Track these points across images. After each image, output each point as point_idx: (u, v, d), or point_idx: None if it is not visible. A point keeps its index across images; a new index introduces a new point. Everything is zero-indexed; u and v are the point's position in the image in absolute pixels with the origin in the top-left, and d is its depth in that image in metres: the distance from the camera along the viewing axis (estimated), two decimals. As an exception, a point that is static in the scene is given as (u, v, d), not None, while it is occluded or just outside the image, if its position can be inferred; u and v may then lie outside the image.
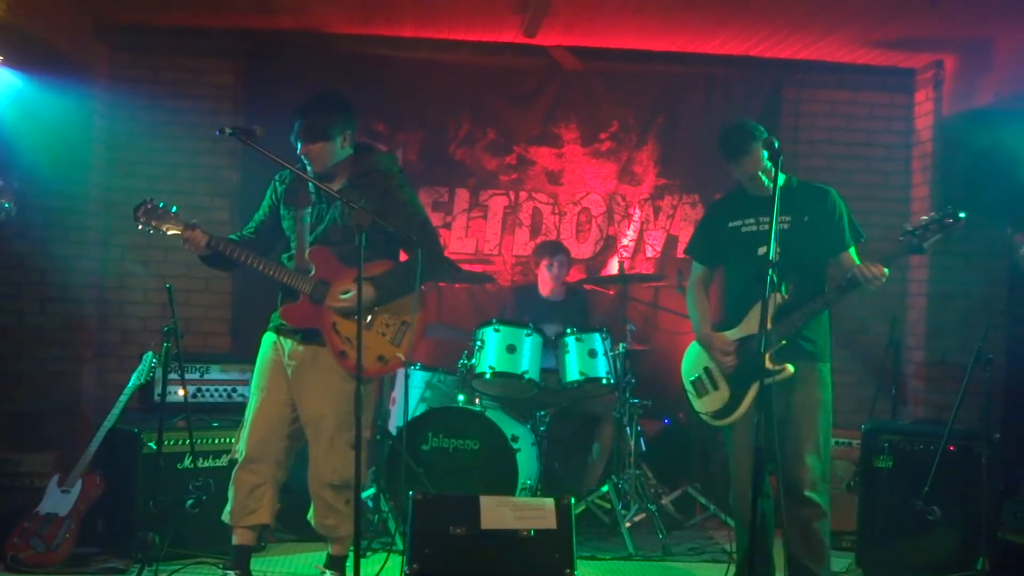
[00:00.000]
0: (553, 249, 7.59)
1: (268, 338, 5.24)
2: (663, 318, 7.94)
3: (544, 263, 7.52)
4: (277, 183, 5.32)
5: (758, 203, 5.16)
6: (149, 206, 5.09)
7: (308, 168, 5.09)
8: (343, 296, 4.98)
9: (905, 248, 4.90)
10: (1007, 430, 6.73)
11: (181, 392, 6.17)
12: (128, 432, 6.13)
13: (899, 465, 6.18)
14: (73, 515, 5.87)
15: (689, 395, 5.42)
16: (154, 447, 5.91)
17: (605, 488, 6.83)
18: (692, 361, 5.43)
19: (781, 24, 7.14)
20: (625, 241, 8.16)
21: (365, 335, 4.81)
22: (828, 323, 5.20)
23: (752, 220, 5.20)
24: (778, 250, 5.00)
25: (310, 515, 5.24)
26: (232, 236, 5.26)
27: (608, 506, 6.90)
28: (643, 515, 6.79)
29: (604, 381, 6.77)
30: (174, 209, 5.10)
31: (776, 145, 4.71)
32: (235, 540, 5.21)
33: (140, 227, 5.09)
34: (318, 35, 7.78)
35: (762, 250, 5.07)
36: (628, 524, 6.63)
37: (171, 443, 6.00)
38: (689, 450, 7.41)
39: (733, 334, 5.18)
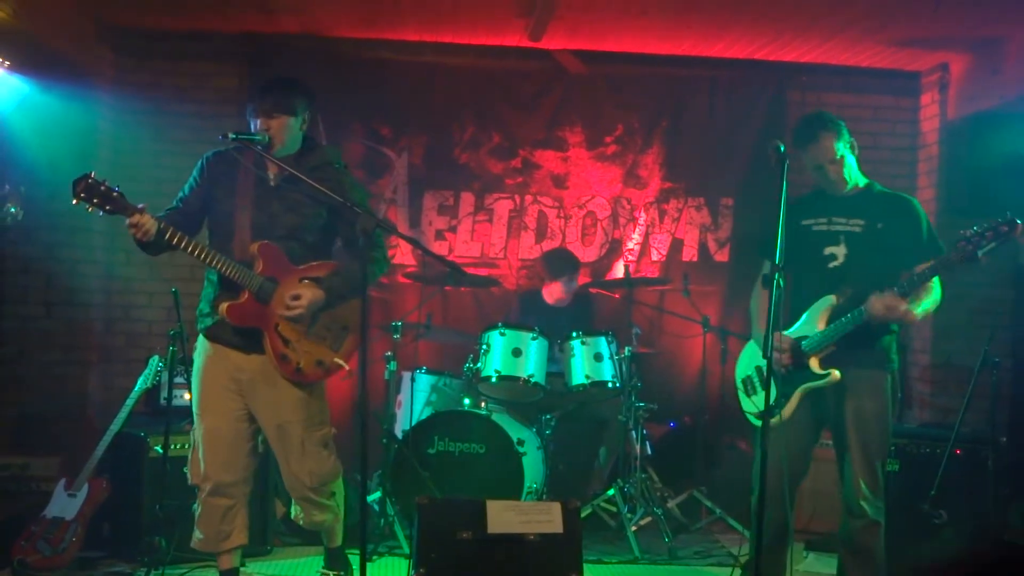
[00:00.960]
0: (574, 267, 7.52)
1: (204, 347, 4.90)
2: (669, 321, 7.95)
3: (564, 279, 7.46)
4: (211, 160, 4.95)
5: (834, 202, 5.07)
6: (91, 181, 4.50)
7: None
8: (292, 301, 4.71)
9: (959, 256, 4.68)
10: (1013, 433, 6.73)
11: (187, 396, 6.19)
12: (134, 436, 6.14)
13: (905, 468, 6.18)
14: (79, 519, 5.86)
15: (739, 393, 5.34)
16: (160, 451, 5.94)
17: (611, 492, 6.81)
18: (745, 360, 5.36)
19: (785, 27, 7.15)
20: (631, 244, 8.16)
21: (305, 341, 4.76)
22: (894, 329, 5.05)
23: (824, 219, 5.06)
24: (846, 252, 4.97)
25: (293, 514, 5.15)
26: (160, 215, 4.77)
27: (614, 510, 6.88)
28: (649, 519, 6.79)
29: (610, 384, 6.76)
30: (117, 188, 4.58)
31: (782, 149, 4.68)
32: (221, 567, 5.02)
33: (76, 202, 4.51)
34: (321, 39, 7.79)
35: (828, 250, 5.02)
36: (634, 528, 6.62)
37: (177, 447, 6.00)
38: (695, 453, 7.39)
39: (790, 333, 5.04)
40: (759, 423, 5.17)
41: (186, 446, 5.91)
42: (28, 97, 6.97)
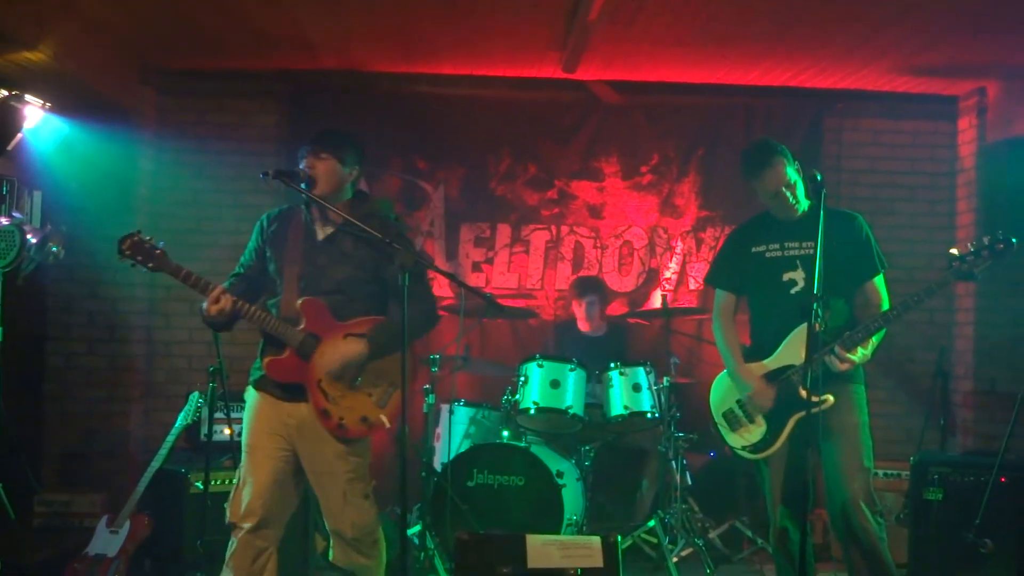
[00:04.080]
0: (582, 289, 7.63)
1: (252, 395, 4.87)
2: (707, 351, 7.89)
3: (574, 303, 7.63)
4: (264, 222, 4.97)
5: (782, 228, 5.13)
6: (136, 239, 4.65)
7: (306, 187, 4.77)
8: (336, 351, 4.70)
9: (955, 275, 4.75)
10: (1059, 460, 6.63)
11: (227, 431, 6.22)
12: (175, 472, 6.19)
13: (949, 497, 6.12)
14: (122, 556, 5.90)
15: (721, 429, 5.31)
16: (201, 487, 5.96)
17: (651, 523, 6.78)
18: (722, 393, 5.33)
19: (822, 55, 7.13)
20: (668, 274, 8.15)
21: (350, 396, 4.72)
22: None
23: (776, 245, 5.12)
24: (803, 276, 4.98)
25: (332, 556, 5.00)
26: (225, 284, 4.83)
27: (655, 541, 6.84)
28: (690, 550, 6.73)
29: (648, 415, 6.75)
30: (161, 245, 4.67)
31: (819, 178, 4.67)
32: None
33: (121, 259, 4.64)
34: (359, 74, 7.85)
35: (787, 276, 5.06)
36: (675, 559, 6.57)
37: (218, 483, 6.04)
38: (736, 483, 7.35)
39: (770, 363, 5.09)
40: (750, 457, 5.17)
41: (227, 482, 5.95)
42: (69, 137, 7.06)
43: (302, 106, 7.90)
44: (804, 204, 5.09)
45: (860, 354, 4.89)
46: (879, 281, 5.09)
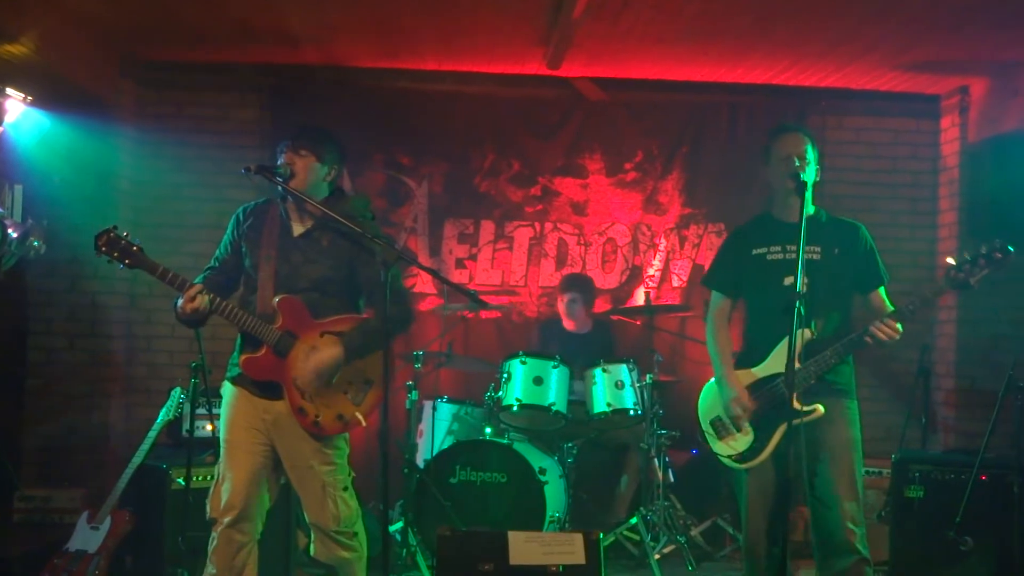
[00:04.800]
0: (566, 285, 7.66)
1: (231, 390, 4.84)
2: (690, 348, 7.91)
3: (558, 298, 7.67)
4: (240, 215, 4.92)
5: (785, 230, 4.94)
6: (112, 235, 4.59)
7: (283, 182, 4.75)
8: (311, 357, 4.67)
9: (951, 283, 4.65)
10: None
11: (209, 427, 6.20)
12: (157, 468, 6.15)
13: (930, 495, 6.13)
14: (102, 551, 5.87)
15: (707, 436, 5.12)
16: (182, 483, 5.94)
17: (634, 520, 6.79)
18: (711, 400, 5.15)
19: (805, 52, 7.14)
20: (651, 271, 8.15)
21: (326, 394, 4.69)
22: (852, 358, 4.95)
23: (778, 247, 4.97)
24: (805, 281, 4.90)
25: (313, 551, 4.97)
26: (198, 279, 4.76)
27: (637, 538, 6.85)
28: (672, 547, 6.75)
29: (631, 412, 6.76)
30: (137, 242, 4.62)
31: (802, 177, 4.65)
32: None
33: (98, 255, 4.60)
34: (342, 69, 7.83)
35: (788, 280, 4.82)
36: (657, 556, 6.58)
37: (199, 479, 6.00)
38: (718, 481, 7.35)
39: (760, 371, 4.95)
40: (735, 466, 4.99)
41: (208, 478, 5.90)
42: (50, 131, 7.04)
43: (284, 100, 7.87)
44: (809, 207, 4.96)
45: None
46: (883, 291, 4.99)
